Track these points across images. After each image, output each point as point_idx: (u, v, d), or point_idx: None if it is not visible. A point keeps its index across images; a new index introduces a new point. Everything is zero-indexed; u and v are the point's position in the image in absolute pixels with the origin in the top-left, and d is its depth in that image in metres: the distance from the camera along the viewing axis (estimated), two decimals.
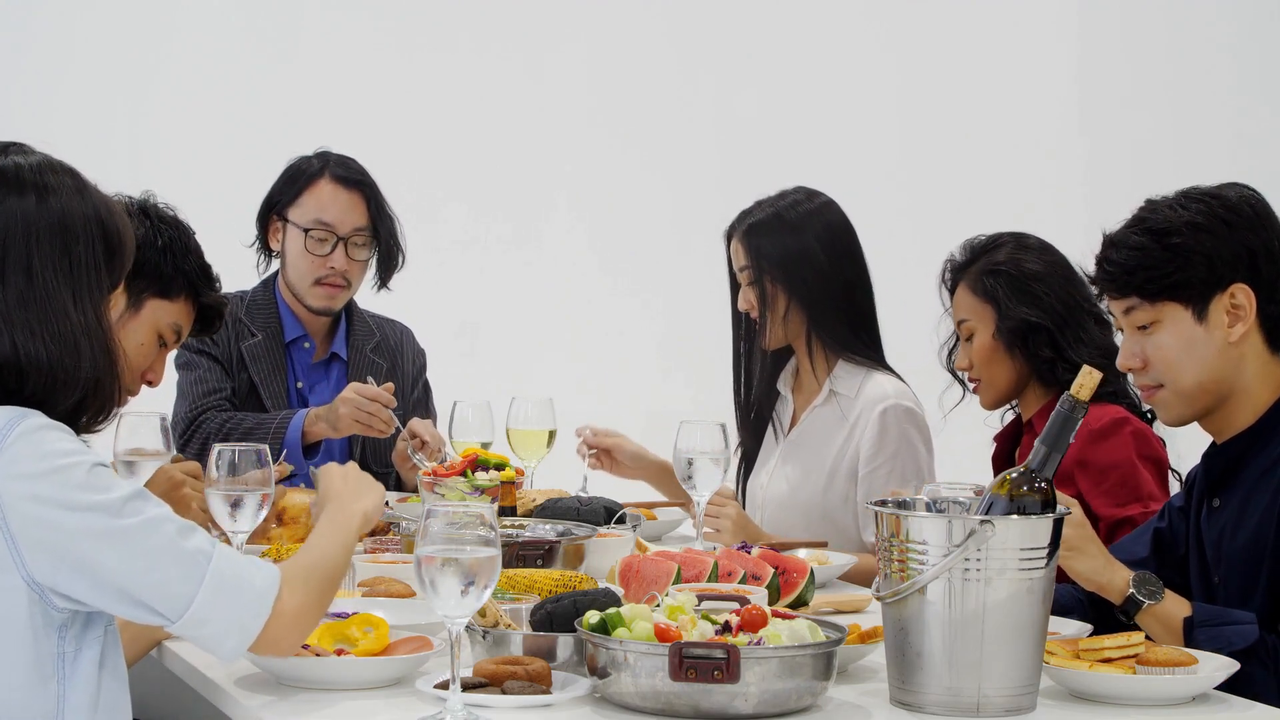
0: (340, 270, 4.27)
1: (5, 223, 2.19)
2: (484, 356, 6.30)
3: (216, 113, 6.27)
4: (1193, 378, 2.78)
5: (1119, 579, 2.67)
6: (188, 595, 2.13)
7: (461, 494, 3.49)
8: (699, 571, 2.90)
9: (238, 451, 2.85)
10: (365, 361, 4.37)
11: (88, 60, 6.19)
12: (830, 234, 3.81)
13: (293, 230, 4.28)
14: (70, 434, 2.16)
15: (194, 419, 4.18)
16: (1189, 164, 5.95)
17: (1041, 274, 3.51)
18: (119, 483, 2.15)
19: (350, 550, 2.35)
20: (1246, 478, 2.77)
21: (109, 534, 2.10)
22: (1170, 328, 2.78)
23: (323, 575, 2.27)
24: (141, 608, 2.14)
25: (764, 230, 3.80)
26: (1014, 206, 6.00)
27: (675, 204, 6.48)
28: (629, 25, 6.56)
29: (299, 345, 4.35)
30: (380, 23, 6.46)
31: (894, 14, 6.61)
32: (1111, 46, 6.64)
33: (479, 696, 2.31)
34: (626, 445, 4.05)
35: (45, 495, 2.09)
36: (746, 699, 2.26)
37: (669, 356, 6.43)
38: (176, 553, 2.13)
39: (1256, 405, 2.78)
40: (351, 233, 4.28)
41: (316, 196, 4.28)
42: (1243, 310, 2.75)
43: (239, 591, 2.15)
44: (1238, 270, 2.74)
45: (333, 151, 4.37)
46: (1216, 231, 2.74)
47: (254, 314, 4.33)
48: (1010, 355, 3.53)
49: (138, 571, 2.11)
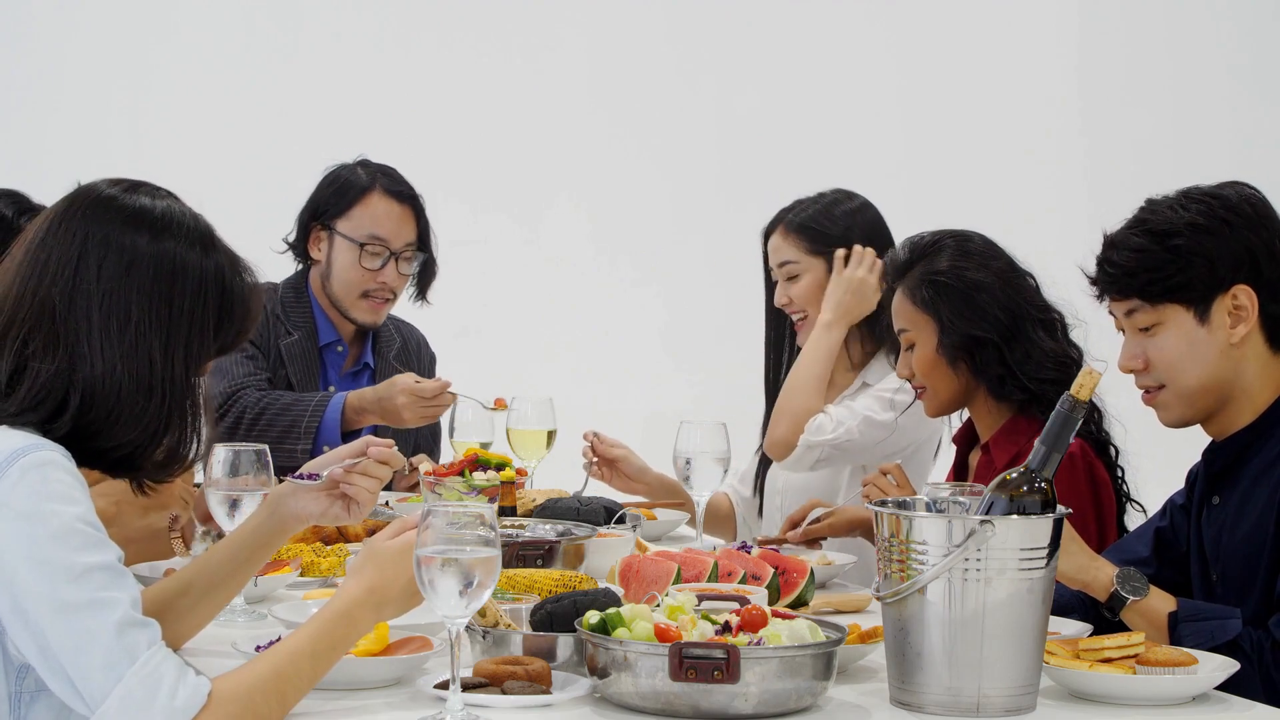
0: (390, 285, 4.25)
1: (111, 254, 2.15)
2: (484, 356, 6.30)
3: (216, 110, 6.27)
4: (1195, 379, 2.77)
5: (1103, 576, 2.68)
6: (104, 691, 2.01)
7: (459, 494, 3.49)
8: (699, 571, 2.90)
9: (238, 451, 2.85)
10: (389, 369, 4.35)
11: (87, 59, 6.18)
12: (870, 231, 3.98)
13: (343, 243, 4.24)
14: (77, 480, 2.08)
15: (232, 393, 4.11)
16: (1189, 163, 5.94)
17: (985, 283, 3.37)
18: (95, 548, 2.04)
19: (330, 665, 2.20)
20: (1247, 475, 2.77)
21: (55, 599, 2.01)
22: (1172, 329, 2.77)
23: (272, 697, 2.11)
24: (68, 685, 2.03)
25: (813, 222, 3.97)
26: (1014, 206, 6.01)
27: (676, 203, 6.48)
28: (629, 22, 6.56)
29: (332, 349, 4.31)
30: (381, 21, 6.47)
31: (895, 13, 6.62)
32: (1111, 46, 6.64)
33: (479, 696, 2.31)
34: (633, 460, 4.06)
35: (23, 534, 2.02)
36: (746, 699, 2.26)
37: (669, 357, 6.43)
38: (108, 644, 2.00)
39: (1257, 404, 2.78)
40: (403, 247, 4.26)
41: (370, 210, 4.25)
42: (1245, 311, 2.74)
43: (149, 705, 2.00)
44: (1240, 271, 2.74)
45: (372, 161, 4.33)
46: (1218, 232, 2.73)
47: (290, 312, 4.29)
48: (954, 368, 3.41)
49: (68, 649, 2.01)
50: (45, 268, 2.15)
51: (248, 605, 2.90)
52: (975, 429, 3.52)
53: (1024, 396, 3.35)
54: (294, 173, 6.17)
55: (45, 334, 2.13)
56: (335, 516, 2.58)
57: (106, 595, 2.02)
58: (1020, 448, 3.29)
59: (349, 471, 2.56)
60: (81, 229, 2.17)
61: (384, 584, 2.25)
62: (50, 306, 2.13)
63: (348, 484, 2.56)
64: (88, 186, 2.23)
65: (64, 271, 2.14)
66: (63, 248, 2.16)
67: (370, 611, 2.24)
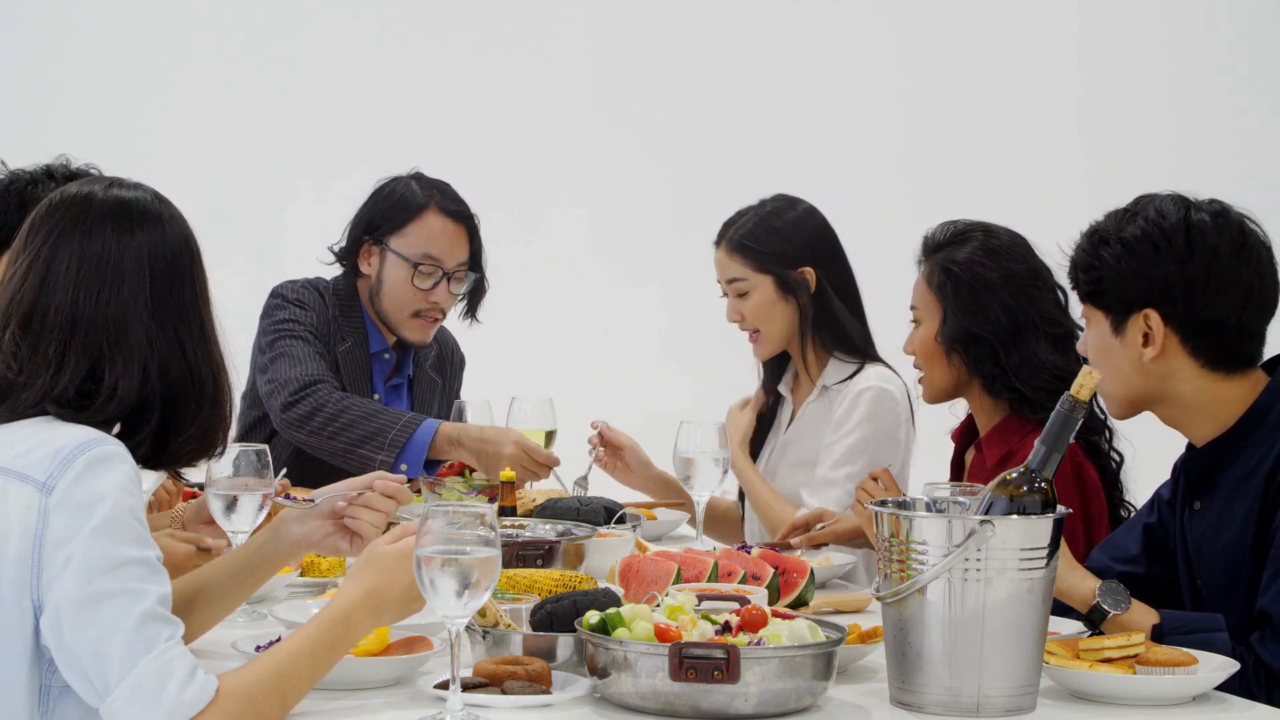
0: (441, 305, 4.18)
1: (103, 263, 2.19)
2: (484, 356, 6.30)
3: (216, 110, 6.27)
4: (1111, 385, 2.80)
5: (1084, 588, 2.68)
6: (118, 677, 2.03)
7: (459, 494, 3.49)
8: (699, 571, 2.90)
9: (238, 451, 2.85)
10: (426, 378, 4.31)
11: (86, 59, 6.18)
12: (814, 240, 3.91)
13: (395, 260, 4.14)
14: (136, 474, 2.12)
15: (311, 383, 4.00)
16: (1189, 163, 5.96)
17: (994, 284, 3.37)
18: (138, 543, 2.08)
19: (329, 666, 2.21)
20: (1226, 482, 2.76)
21: (89, 587, 2.04)
22: (1094, 331, 2.82)
23: (273, 696, 2.13)
24: (82, 672, 2.05)
25: (753, 239, 3.89)
26: (1014, 206, 5.99)
27: (676, 203, 6.48)
28: (629, 22, 6.56)
29: (380, 357, 4.27)
30: (381, 21, 6.46)
31: (895, 12, 6.62)
32: (1112, 46, 6.64)
33: (479, 696, 2.31)
34: (639, 451, 4.06)
35: (81, 525, 2.06)
36: (746, 699, 2.26)
37: (670, 357, 6.43)
38: (129, 632, 2.03)
39: (1218, 419, 2.75)
40: (455, 267, 4.18)
41: (426, 229, 4.15)
42: (1153, 335, 2.74)
43: (157, 696, 2.02)
44: (1151, 296, 2.73)
45: (427, 176, 4.26)
46: (1141, 254, 2.73)
47: (345, 318, 4.20)
48: (948, 358, 3.42)
49: (91, 636, 2.03)
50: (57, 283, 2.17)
51: (248, 605, 2.90)
52: (975, 425, 3.52)
53: (1013, 396, 3.35)
54: (294, 173, 6.20)
55: (113, 347, 2.16)
56: (335, 548, 2.59)
57: (138, 587, 2.06)
58: (1011, 446, 3.31)
59: (352, 504, 2.56)
60: (50, 240, 2.19)
61: (382, 588, 2.25)
62: (88, 323, 2.16)
63: (351, 516, 2.56)
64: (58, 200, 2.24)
65: (88, 290, 2.16)
66: (50, 262, 2.18)
67: (368, 615, 2.24)
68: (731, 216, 3.96)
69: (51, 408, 2.14)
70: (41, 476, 2.07)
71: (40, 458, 2.09)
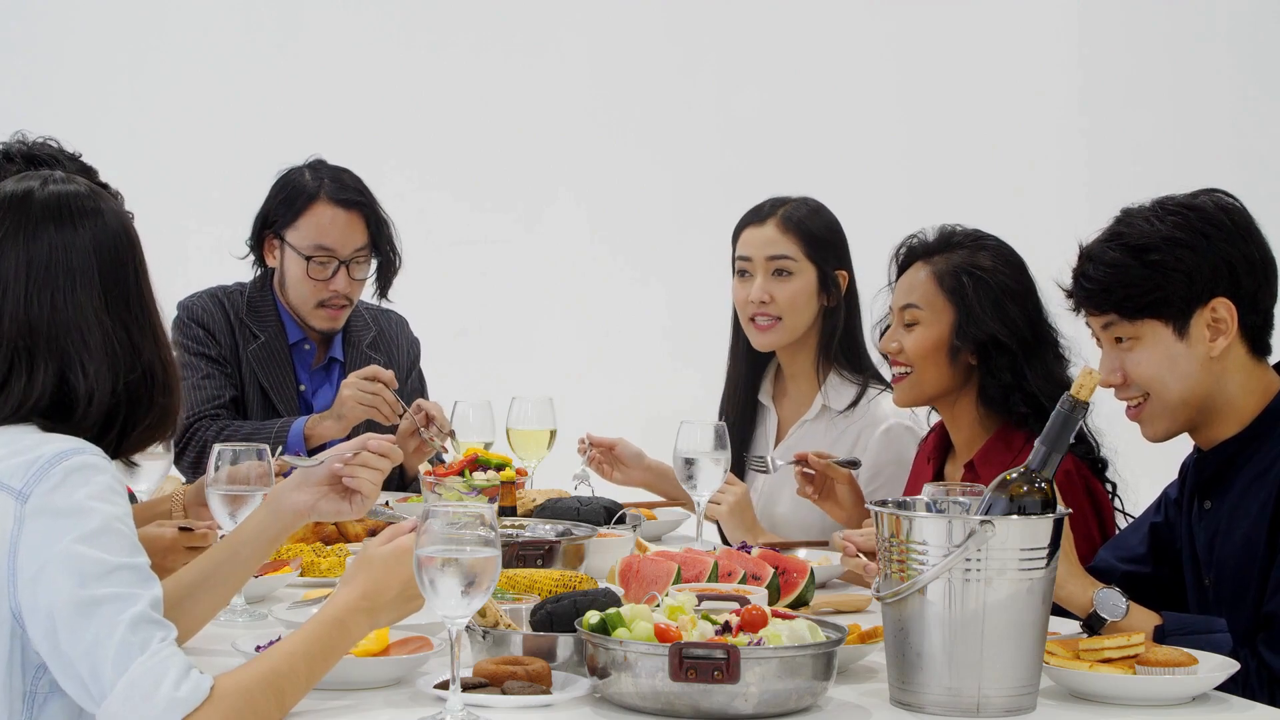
0: (343, 293, 4.23)
1: (59, 264, 2.19)
2: (484, 356, 6.30)
3: (215, 108, 6.27)
4: (1176, 394, 2.74)
5: (1083, 595, 2.65)
6: (112, 680, 2.03)
7: (459, 494, 3.49)
8: (699, 571, 2.90)
9: (238, 451, 2.85)
10: (362, 358, 4.35)
11: (85, 57, 6.18)
12: (844, 248, 3.90)
13: (291, 254, 4.22)
14: (116, 482, 2.12)
15: (188, 427, 4.12)
16: (1189, 163, 5.96)
17: (1019, 294, 3.34)
18: (127, 549, 2.08)
19: (325, 669, 2.20)
20: (1238, 481, 2.75)
21: (80, 594, 2.04)
22: (1150, 344, 2.73)
23: (271, 695, 2.12)
24: (77, 679, 2.05)
25: (811, 225, 3.87)
26: (1014, 205, 6.01)
27: (677, 201, 6.48)
28: (629, 19, 6.56)
29: (300, 348, 4.32)
30: (381, 19, 6.47)
31: (895, 12, 6.62)
32: (1112, 45, 6.64)
33: (479, 696, 2.31)
34: (628, 445, 4.05)
35: (60, 533, 2.06)
36: (746, 699, 2.26)
37: (670, 356, 6.43)
38: (122, 636, 2.03)
39: (1242, 415, 2.75)
40: (352, 254, 4.22)
41: (315, 221, 4.20)
42: (1224, 324, 2.71)
43: (152, 694, 2.02)
44: (1218, 284, 2.69)
45: (325, 163, 4.29)
46: (1195, 246, 2.69)
47: (255, 315, 4.29)
48: (950, 361, 3.36)
49: (84, 642, 2.04)
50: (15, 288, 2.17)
51: (248, 605, 2.90)
52: (949, 438, 3.46)
53: (1026, 410, 3.31)
54: None
55: (80, 349, 2.16)
56: (336, 510, 2.58)
57: (130, 592, 2.06)
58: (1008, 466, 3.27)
59: (349, 464, 2.56)
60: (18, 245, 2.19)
61: (377, 590, 2.25)
62: (47, 326, 2.16)
63: (349, 476, 2.56)
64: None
65: (37, 291, 2.16)
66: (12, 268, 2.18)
67: (364, 617, 2.24)
68: (773, 198, 3.91)
69: (37, 420, 2.14)
70: (18, 484, 2.08)
71: (16, 465, 2.09)
